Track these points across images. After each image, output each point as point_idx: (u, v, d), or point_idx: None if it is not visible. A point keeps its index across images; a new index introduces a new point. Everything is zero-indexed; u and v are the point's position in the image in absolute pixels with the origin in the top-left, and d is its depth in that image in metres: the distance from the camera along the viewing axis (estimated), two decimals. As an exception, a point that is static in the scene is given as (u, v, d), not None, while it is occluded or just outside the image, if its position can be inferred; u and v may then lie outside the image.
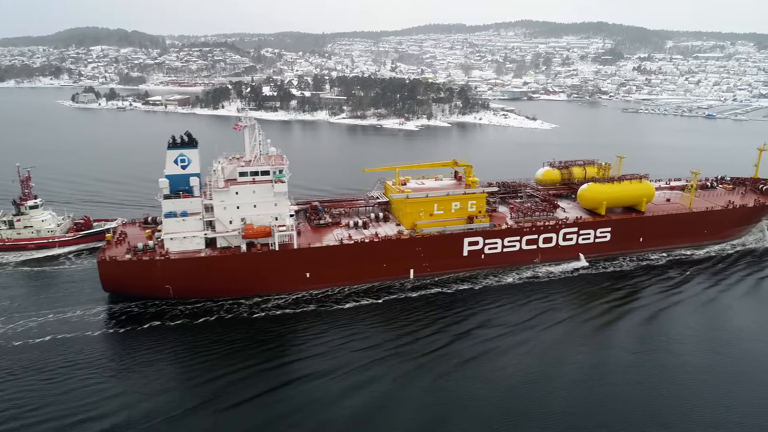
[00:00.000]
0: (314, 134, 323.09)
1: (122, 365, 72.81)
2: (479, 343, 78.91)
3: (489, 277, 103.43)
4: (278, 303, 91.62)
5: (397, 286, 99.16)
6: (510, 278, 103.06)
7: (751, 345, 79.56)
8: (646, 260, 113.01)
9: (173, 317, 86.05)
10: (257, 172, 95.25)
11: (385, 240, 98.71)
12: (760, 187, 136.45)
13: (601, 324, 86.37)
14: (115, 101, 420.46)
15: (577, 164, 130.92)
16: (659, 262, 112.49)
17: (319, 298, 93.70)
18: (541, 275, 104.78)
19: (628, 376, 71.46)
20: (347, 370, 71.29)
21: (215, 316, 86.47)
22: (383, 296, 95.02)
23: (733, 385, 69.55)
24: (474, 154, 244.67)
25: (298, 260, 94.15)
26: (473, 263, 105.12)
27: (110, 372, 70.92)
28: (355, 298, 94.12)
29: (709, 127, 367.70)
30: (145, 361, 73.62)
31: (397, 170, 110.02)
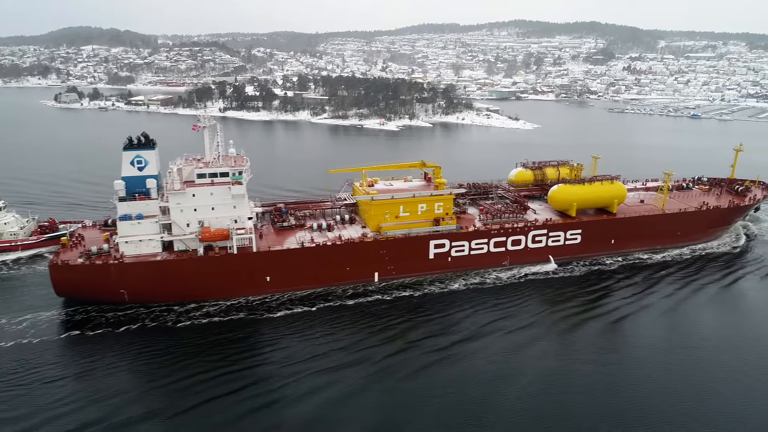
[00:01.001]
0: (293, 134, 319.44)
1: (72, 371, 70.89)
2: (436, 350, 77.01)
3: (456, 280, 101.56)
4: (238, 307, 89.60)
5: (361, 289, 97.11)
6: (477, 281, 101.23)
7: (710, 352, 77.97)
8: (618, 263, 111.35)
9: (127, 322, 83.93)
10: (216, 174, 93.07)
11: (348, 243, 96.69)
12: (735, 188, 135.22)
13: (565, 328, 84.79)
14: (98, 101, 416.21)
15: (550, 165, 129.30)
16: (630, 264, 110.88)
17: (280, 302, 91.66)
18: (510, 278, 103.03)
19: (587, 381, 70.17)
20: (305, 375, 69.93)
21: (171, 321, 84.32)
22: (346, 300, 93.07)
23: (692, 391, 68.43)
24: (451, 155, 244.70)
25: (257, 264, 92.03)
26: (440, 266, 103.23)
27: (60, 378, 69.03)
28: (318, 301, 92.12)
29: (694, 127, 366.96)
30: (97, 367, 71.75)
31: (363, 171, 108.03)
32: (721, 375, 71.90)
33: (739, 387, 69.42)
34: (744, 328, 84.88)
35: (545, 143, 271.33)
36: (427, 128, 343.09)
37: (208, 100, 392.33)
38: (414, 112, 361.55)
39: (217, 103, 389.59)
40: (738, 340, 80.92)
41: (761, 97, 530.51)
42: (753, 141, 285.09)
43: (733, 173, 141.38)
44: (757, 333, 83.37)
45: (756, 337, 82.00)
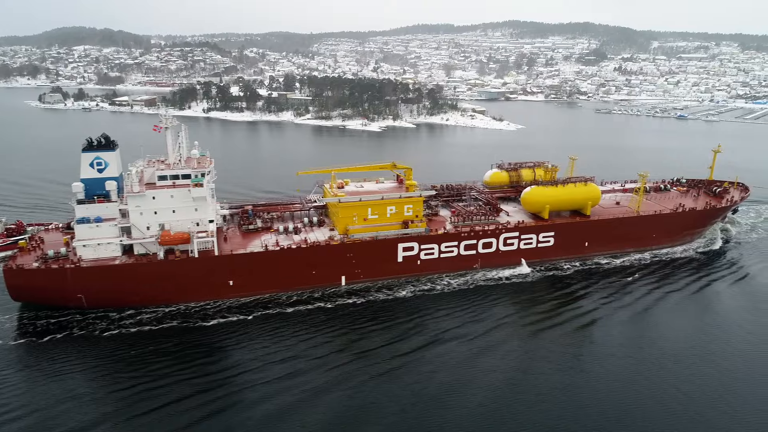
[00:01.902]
0: (274, 135, 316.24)
1: (26, 377, 69.25)
2: (396, 356, 75.37)
3: (425, 283, 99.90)
4: (198, 312, 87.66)
5: (327, 293, 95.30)
6: (447, 285, 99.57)
7: (675, 357, 76.53)
8: (591, 265, 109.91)
9: (84, 327, 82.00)
10: (177, 176, 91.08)
11: (313, 246, 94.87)
12: (713, 189, 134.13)
13: (531, 333, 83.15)
14: (83, 101, 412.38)
15: (526, 166, 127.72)
16: (604, 267, 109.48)
17: (243, 307, 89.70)
18: (480, 282, 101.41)
19: (549, 386, 68.77)
20: (261, 381, 68.38)
21: (130, 327, 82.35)
22: (311, 304, 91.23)
23: (657, 395, 66.92)
24: (430, 155, 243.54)
25: (219, 267, 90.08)
26: (409, 269, 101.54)
27: (13, 385, 67.31)
28: (282, 306, 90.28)
29: (679, 128, 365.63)
30: (51, 373, 69.93)
31: (333, 173, 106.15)
32: (685, 380, 70.60)
33: (705, 391, 68.28)
34: (710, 333, 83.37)
35: (527, 144, 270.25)
36: (410, 129, 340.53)
37: (192, 101, 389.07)
38: (398, 113, 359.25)
39: (201, 103, 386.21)
40: (704, 345, 79.61)
41: (750, 98, 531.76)
42: (737, 142, 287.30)
43: (712, 174, 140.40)
44: (722, 337, 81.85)
45: (720, 342, 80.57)
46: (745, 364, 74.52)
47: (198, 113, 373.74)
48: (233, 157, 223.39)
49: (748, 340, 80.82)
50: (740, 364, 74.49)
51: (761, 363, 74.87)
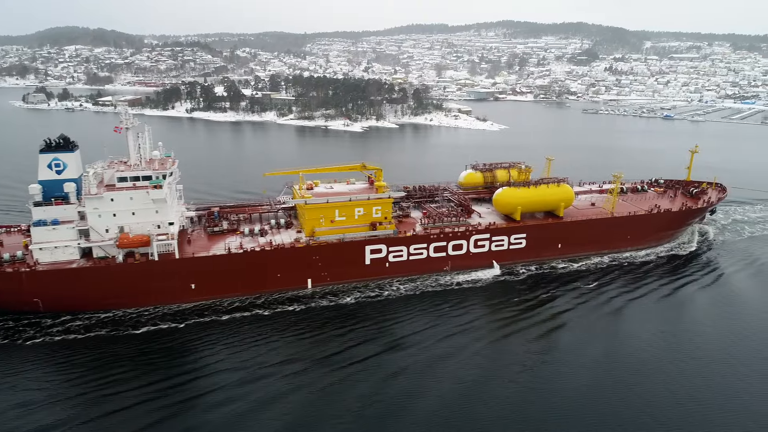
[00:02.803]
0: (255, 135, 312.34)
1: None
2: (358, 361, 74.01)
3: (393, 286, 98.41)
4: (159, 315, 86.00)
5: (292, 297, 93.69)
6: (416, 287, 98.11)
7: (645, 363, 75.42)
8: (564, 268, 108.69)
9: (40, 332, 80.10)
10: (138, 177, 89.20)
11: (277, 248, 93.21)
12: (691, 190, 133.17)
13: (499, 336, 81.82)
14: (66, 102, 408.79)
15: (501, 167, 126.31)
16: (576, 269, 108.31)
17: (204, 311, 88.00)
18: (450, 284, 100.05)
19: (506, 392, 67.58)
20: (222, 385, 67.50)
21: (87, 331, 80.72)
22: (276, 308, 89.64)
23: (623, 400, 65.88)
24: (408, 156, 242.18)
25: (180, 271, 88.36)
26: (377, 272, 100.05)
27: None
28: (244, 309, 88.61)
29: (665, 128, 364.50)
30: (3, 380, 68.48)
31: (301, 174, 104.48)
32: (651, 383, 69.67)
33: (674, 395, 67.29)
34: (678, 338, 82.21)
35: (508, 144, 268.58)
36: (392, 129, 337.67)
37: (176, 101, 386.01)
38: (381, 113, 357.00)
39: (185, 103, 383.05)
40: (673, 349, 78.50)
41: (738, 98, 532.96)
42: (720, 142, 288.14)
43: (689, 175, 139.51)
44: (689, 342, 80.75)
45: (689, 346, 79.53)
46: (714, 368, 73.49)
47: (181, 113, 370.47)
48: (208, 158, 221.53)
49: (716, 345, 79.71)
50: (708, 369, 73.48)
51: (729, 368, 73.67)
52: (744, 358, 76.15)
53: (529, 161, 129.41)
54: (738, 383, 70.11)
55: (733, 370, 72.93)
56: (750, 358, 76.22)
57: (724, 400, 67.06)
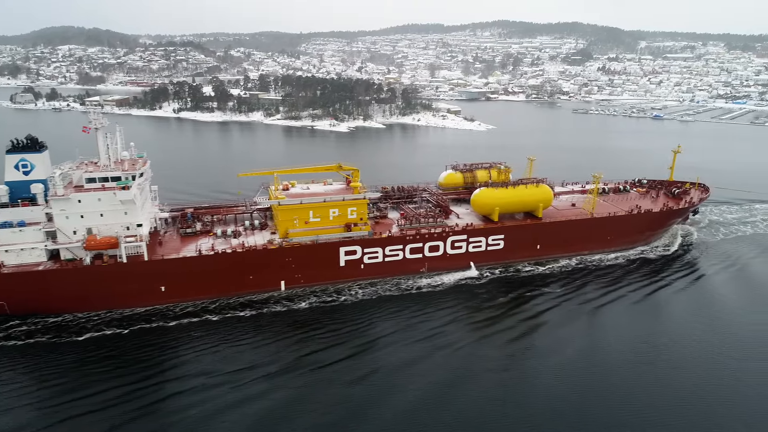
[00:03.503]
0: (240, 135, 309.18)
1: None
2: (325, 365, 72.94)
3: (368, 288, 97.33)
4: (127, 318, 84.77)
5: (265, 299, 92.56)
6: (391, 289, 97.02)
7: (621, 364, 74.64)
8: (542, 269, 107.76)
9: (6, 336, 78.79)
10: (106, 178, 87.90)
11: (249, 250, 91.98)
12: (673, 191, 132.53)
13: (475, 338, 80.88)
14: (54, 102, 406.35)
15: (482, 167, 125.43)
16: (555, 270, 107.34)
17: (174, 313, 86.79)
18: (426, 286, 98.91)
19: (476, 397, 66.53)
20: (190, 388, 66.72)
21: (54, 334, 79.49)
22: (248, 310, 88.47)
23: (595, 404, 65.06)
24: (390, 156, 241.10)
25: (148, 273, 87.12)
26: (352, 274, 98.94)
27: None
28: (215, 312, 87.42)
29: (654, 128, 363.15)
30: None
31: (275, 174, 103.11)
32: (627, 385, 69.07)
33: (650, 400, 66.31)
34: (655, 339, 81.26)
35: (494, 144, 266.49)
36: (379, 129, 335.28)
37: (164, 101, 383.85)
38: (369, 113, 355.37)
39: (172, 104, 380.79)
40: (648, 352, 77.49)
41: (730, 98, 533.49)
42: (707, 142, 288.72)
43: (672, 175, 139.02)
44: (667, 344, 79.79)
45: (665, 349, 78.51)
46: (689, 371, 72.73)
47: (168, 114, 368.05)
48: (190, 158, 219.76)
49: (693, 347, 78.86)
50: (684, 371, 72.69)
51: (705, 370, 72.94)
52: (720, 359, 75.55)
53: (513, 161, 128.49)
54: (715, 384, 69.67)
55: (711, 370, 72.67)
56: (727, 359, 75.62)
57: (700, 399, 66.60)
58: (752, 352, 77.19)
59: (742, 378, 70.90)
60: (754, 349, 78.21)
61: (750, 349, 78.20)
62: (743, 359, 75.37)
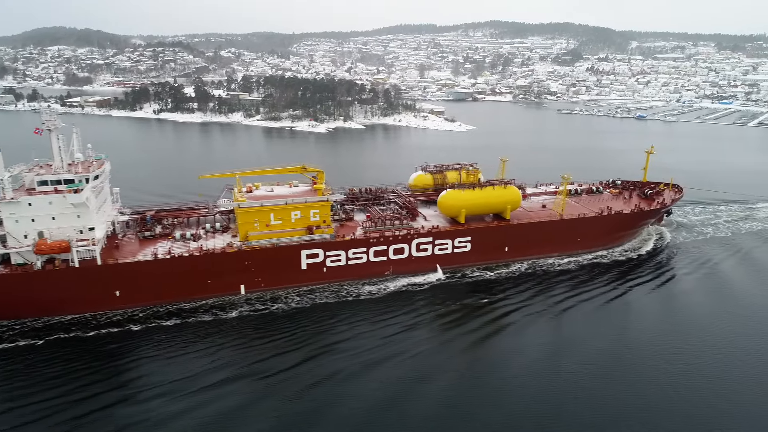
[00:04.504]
0: (216, 136, 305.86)
1: None
2: (276, 372, 71.29)
3: (331, 292, 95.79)
4: (78, 324, 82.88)
5: (224, 303, 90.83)
6: (353, 293, 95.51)
7: (584, 366, 73.45)
8: (509, 271, 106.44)
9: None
10: (59, 181, 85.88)
11: (207, 254, 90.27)
12: (646, 191, 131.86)
13: (435, 343, 79.51)
14: (35, 102, 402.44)
15: (453, 168, 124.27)
16: (523, 272, 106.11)
17: (128, 319, 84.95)
18: (389, 289, 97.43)
19: (431, 403, 65.28)
20: (138, 397, 65.10)
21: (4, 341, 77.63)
22: (204, 315, 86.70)
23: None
24: (363, 157, 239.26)
25: (102, 278, 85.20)
26: (314, 277, 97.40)
27: None
28: (171, 317, 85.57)
29: (636, 128, 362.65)
30: None
31: (237, 176, 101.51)
32: (592, 388, 68.20)
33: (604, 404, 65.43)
34: (620, 343, 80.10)
35: (472, 145, 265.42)
36: (358, 130, 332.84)
37: (145, 102, 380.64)
38: (349, 114, 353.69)
39: (153, 105, 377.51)
40: (609, 357, 76.35)
41: (716, 98, 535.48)
42: (686, 142, 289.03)
43: (645, 176, 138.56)
44: (629, 348, 78.61)
45: (629, 354, 77.26)
46: (654, 375, 71.64)
47: (149, 115, 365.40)
48: (161, 160, 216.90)
49: (657, 351, 77.58)
50: (647, 376, 71.55)
51: (668, 376, 71.70)
52: (687, 359, 75.05)
53: (490, 162, 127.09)
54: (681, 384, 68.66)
55: (676, 369, 72.15)
56: (694, 359, 75.17)
57: (665, 399, 65.38)
58: (714, 353, 76.59)
59: (705, 377, 70.28)
60: (716, 349, 77.57)
61: (712, 349, 77.61)
62: (705, 360, 75.05)
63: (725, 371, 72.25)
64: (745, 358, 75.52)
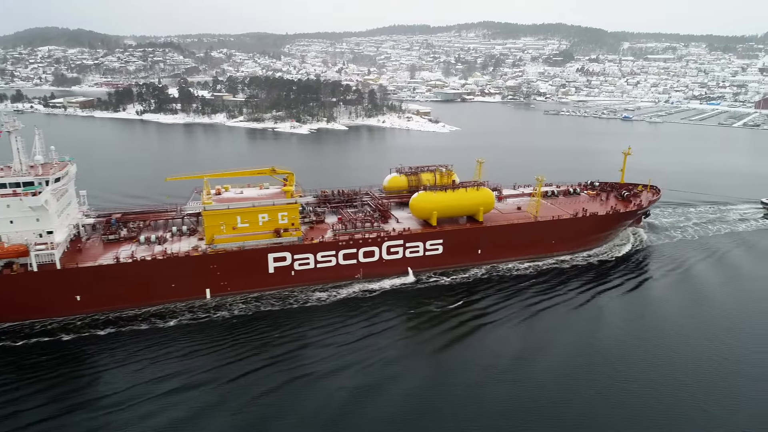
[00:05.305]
0: (197, 138, 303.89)
1: None
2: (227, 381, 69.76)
3: (299, 295, 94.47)
4: (38, 329, 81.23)
5: (188, 307, 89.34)
6: (322, 297, 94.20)
7: (555, 368, 72.59)
8: (483, 274, 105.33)
9: None
10: (18, 184, 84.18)
11: (170, 258, 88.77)
12: (623, 193, 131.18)
13: (401, 347, 78.30)
14: (18, 103, 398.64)
15: (428, 170, 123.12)
16: (494, 276, 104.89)
17: (88, 324, 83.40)
18: (359, 292, 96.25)
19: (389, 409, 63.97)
20: (95, 405, 63.74)
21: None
22: (167, 319, 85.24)
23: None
24: (340, 159, 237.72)
25: (61, 282, 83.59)
26: (282, 281, 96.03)
27: None
28: (132, 322, 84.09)
29: (622, 129, 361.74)
30: None
31: (205, 179, 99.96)
32: (558, 396, 66.96)
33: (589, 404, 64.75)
34: (593, 345, 79.28)
35: (453, 146, 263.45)
36: (341, 131, 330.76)
37: (129, 103, 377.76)
38: (333, 115, 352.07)
39: (136, 105, 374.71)
40: (586, 355, 76.05)
41: (705, 99, 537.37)
42: (668, 143, 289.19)
43: (623, 177, 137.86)
44: (599, 353, 77.53)
45: (596, 357, 76.36)
46: (621, 381, 70.52)
47: (132, 115, 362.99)
48: (136, 162, 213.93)
49: (623, 356, 76.57)
50: (616, 383, 70.33)
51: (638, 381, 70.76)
52: (658, 363, 74.31)
53: (468, 164, 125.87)
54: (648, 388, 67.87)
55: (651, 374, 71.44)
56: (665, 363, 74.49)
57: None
58: (681, 355, 76.11)
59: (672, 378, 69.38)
60: (682, 351, 76.94)
61: (678, 351, 77.13)
62: (674, 361, 74.68)
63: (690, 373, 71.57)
64: (722, 362, 74.85)
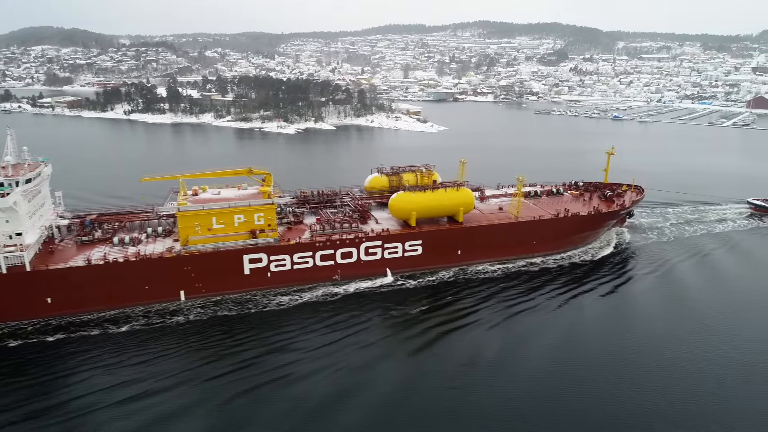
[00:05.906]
0: (183, 138, 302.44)
1: None
2: (210, 378, 69.17)
3: (274, 297, 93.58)
4: (10, 332, 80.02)
5: (162, 310, 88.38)
6: (299, 298, 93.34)
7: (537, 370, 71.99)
8: (463, 275, 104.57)
9: None
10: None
11: (143, 259, 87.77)
12: (606, 193, 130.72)
13: (375, 350, 77.45)
14: (6, 103, 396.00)
15: (410, 170, 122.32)
16: (474, 277, 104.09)
17: (60, 327, 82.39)
18: (336, 294, 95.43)
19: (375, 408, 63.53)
20: (65, 409, 62.72)
21: None
22: (141, 323, 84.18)
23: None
24: (323, 159, 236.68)
25: (31, 284, 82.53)
26: (258, 282, 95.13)
27: None
28: (104, 325, 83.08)
29: (611, 129, 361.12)
30: None
31: (181, 179, 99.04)
32: (540, 395, 66.82)
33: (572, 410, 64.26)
34: (573, 348, 78.74)
35: (441, 146, 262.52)
36: (328, 131, 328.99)
37: (117, 103, 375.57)
38: (321, 114, 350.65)
39: (124, 105, 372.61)
40: (566, 357, 75.61)
41: (697, 99, 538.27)
42: (656, 143, 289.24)
43: (606, 178, 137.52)
44: (578, 355, 76.98)
45: (581, 358, 75.95)
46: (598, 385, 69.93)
47: (119, 115, 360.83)
48: (117, 162, 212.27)
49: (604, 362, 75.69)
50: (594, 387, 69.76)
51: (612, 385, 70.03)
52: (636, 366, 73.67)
53: (452, 164, 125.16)
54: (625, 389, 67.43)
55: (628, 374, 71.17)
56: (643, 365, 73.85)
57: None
58: (661, 359, 75.58)
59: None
60: (662, 355, 76.39)
61: (658, 355, 76.57)
62: (653, 362, 74.28)
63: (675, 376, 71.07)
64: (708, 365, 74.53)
